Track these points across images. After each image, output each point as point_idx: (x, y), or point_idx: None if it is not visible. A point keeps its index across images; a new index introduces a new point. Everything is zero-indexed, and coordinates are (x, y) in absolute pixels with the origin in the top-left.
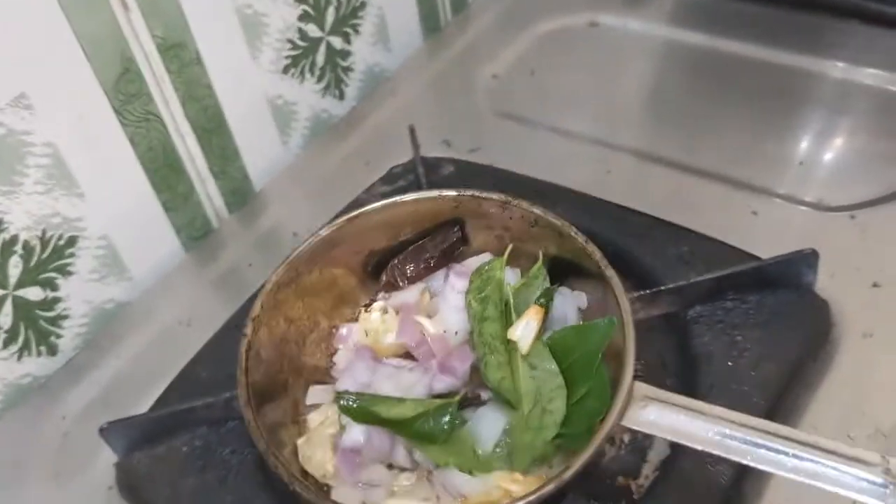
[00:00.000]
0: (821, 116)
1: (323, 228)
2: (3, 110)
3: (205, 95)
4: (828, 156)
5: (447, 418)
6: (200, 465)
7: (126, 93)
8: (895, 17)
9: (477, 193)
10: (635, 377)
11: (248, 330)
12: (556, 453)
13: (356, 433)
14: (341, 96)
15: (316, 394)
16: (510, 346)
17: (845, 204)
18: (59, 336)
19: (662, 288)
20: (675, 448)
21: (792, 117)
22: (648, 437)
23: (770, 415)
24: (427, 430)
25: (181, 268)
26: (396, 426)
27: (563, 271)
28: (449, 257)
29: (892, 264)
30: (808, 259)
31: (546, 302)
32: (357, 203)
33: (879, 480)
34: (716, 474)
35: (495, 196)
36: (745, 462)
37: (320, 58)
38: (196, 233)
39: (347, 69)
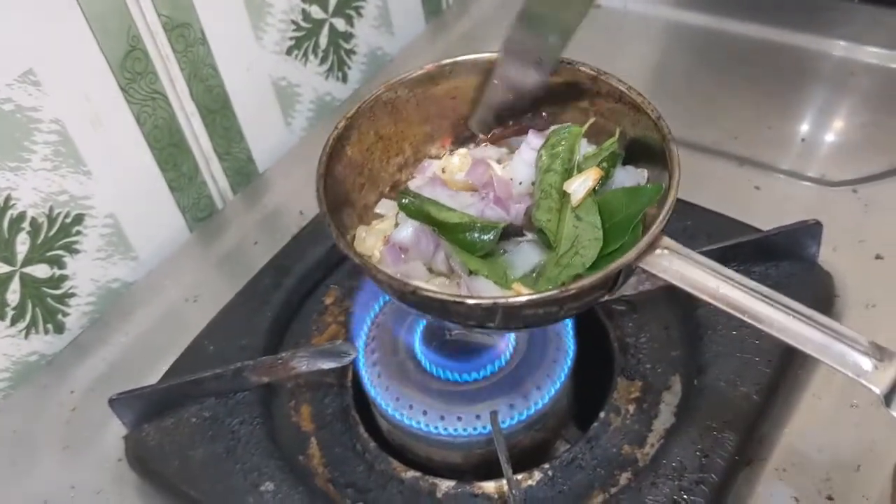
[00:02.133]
0: (823, 94)
1: (428, 64)
2: (10, 86)
3: (209, 76)
4: (830, 132)
5: (489, 236)
6: (209, 436)
7: (132, 71)
8: None
9: (571, 61)
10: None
11: (341, 125)
12: None
13: (407, 230)
14: (344, 79)
15: (385, 205)
16: (564, 197)
17: (848, 179)
18: (65, 314)
19: None
20: (680, 417)
21: (794, 95)
22: (654, 407)
23: (775, 382)
24: (469, 241)
25: (186, 247)
26: (444, 228)
27: (635, 156)
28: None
29: (894, 237)
30: (811, 230)
31: (607, 167)
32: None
33: (864, 359)
34: (720, 441)
35: (587, 68)
36: (741, 317)
37: (323, 40)
38: (201, 213)
39: (350, 52)
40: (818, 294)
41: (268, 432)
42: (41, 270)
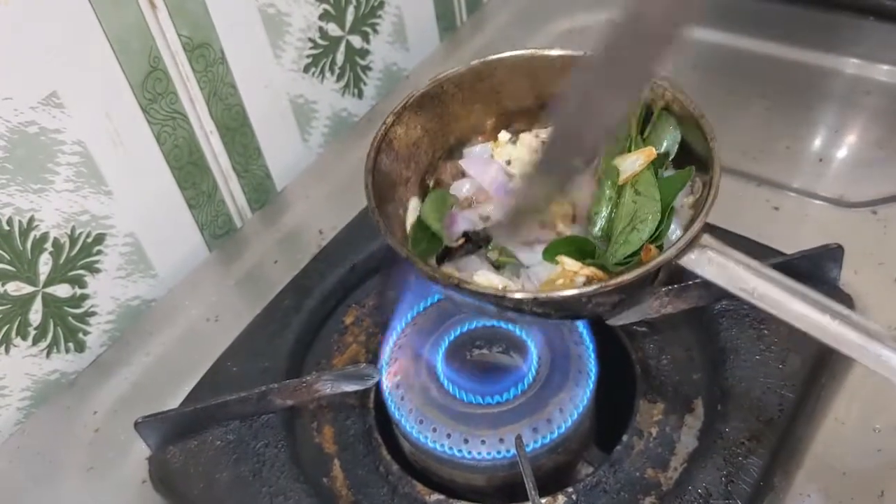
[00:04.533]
0: (838, 113)
1: (474, 61)
2: (35, 109)
3: (228, 94)
4: (846, 152)
5: None
6: (234, 459)
7: (153, 91)
8: None
9: None
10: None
11: (389, 119)
12: None
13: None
14: (360, 95)
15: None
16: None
17: (867, 199)
18: (86, 333)
19: (690, 283)
20: (703, 440)
21: (810, 114)
22: (676, 431)
23: (798, 407)
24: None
25: (205, 265)
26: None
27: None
28: None
29: None
30: (833, 254)
31: (660, 147)
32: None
33: None
34: (745, 466)
35: None
36: (776, 314)
37: (340, 57)
38: (219, 230)
39: (366, 68)
40: None
41: (292, 455)
42: (63, 290)
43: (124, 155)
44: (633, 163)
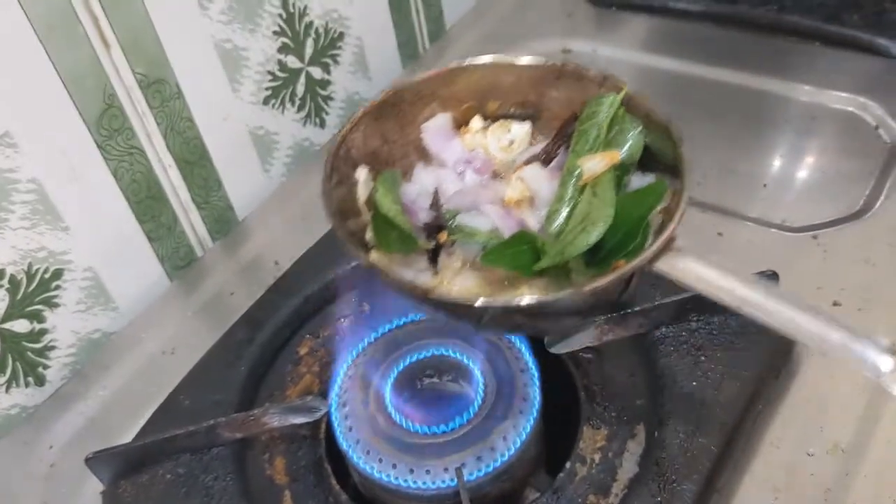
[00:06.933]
0: (785, 139)
1: (434, 69)
2: None
3: (186, 128)
4: (792, 178)
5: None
6: (183, 492)
7: (109, 128)
8: (854, 39)
9: (579, 65)
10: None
11: (346, 129)
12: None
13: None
14: (322, 125)
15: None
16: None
17: (808, 224)
18: (46, 367)
19: (629, 311)
20: (643, 466)
21: (757, 140)
22: (618, 457)
23: (733, 432)
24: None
25: (166, 297)
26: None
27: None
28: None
29: (851, 283)
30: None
31: (626, 150)
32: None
33: (883, 358)
34: (679, 493)
35: (594, 72)
36: (760, 318)
37: (300, 88)
38: (180, 262)
39: (328, 98)
40: (776, 342)
41: (241, 488)
42: (21, 325)
43: (81, 191)
44: (596, 164)
